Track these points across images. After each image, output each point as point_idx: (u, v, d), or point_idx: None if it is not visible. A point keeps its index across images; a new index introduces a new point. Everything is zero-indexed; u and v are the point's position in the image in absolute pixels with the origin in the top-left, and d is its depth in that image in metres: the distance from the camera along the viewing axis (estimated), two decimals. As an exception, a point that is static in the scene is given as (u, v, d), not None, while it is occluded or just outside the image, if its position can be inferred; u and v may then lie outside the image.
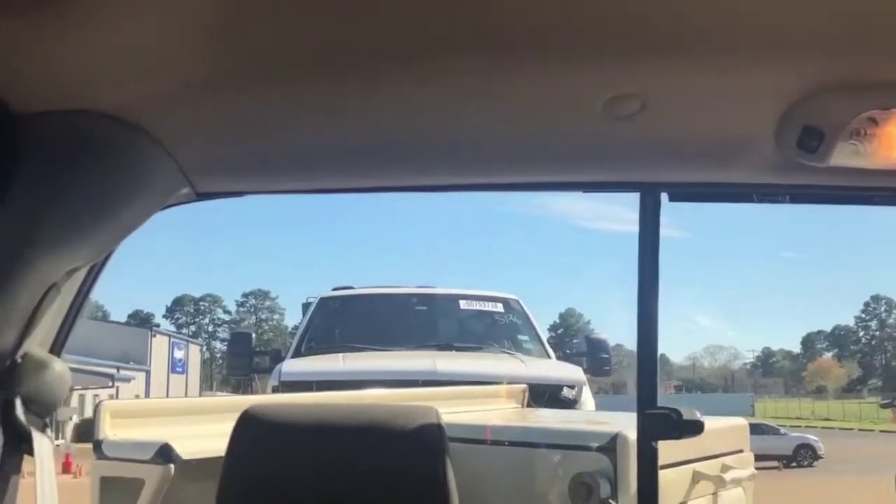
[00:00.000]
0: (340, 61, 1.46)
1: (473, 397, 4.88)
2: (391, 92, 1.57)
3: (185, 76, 1.47)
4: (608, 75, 1.51)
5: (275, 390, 6.52)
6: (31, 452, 1.65)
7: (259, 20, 1.35)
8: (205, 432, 2.93)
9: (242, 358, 8.22)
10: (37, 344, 1.75)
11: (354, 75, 1.51)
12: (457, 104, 1.63)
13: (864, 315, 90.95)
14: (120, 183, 1.63)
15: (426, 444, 1.85)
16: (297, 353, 7.55)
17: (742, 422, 4.35)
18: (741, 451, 4.04)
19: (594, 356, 8.08)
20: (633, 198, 2.15)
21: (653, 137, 1.73)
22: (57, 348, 2.02)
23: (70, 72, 1.36)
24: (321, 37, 1.39)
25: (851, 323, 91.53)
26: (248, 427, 1.88)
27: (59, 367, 1.85)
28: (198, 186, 1.90)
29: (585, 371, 7.43)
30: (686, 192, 2.08)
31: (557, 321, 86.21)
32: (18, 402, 1.64)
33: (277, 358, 7.89)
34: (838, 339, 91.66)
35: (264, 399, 4.87)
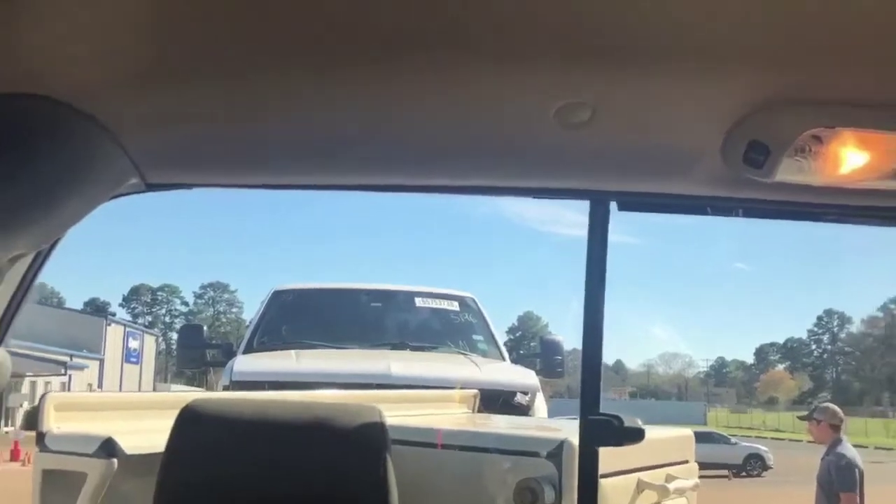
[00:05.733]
0: (295, 56, 1.46)
1: (425, 401, 4.89)
2: (345, 90, 1.57)
3: (137, 64, 1.45)
4: (560, 83, 1.52)
5: (226, 389, 6.40)
6: None
7: (214, 11, 1.34)
8: (149, 427, 2.90)
9: (193, 350, 8.12)
10: (-22, 332, 1.73)
11: (308, 71, 1.51)
12: (411, 106, 1.64)
13: (816, 328, 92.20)
14: (66, 170, 1.61)
15: (368, 442, 1.84)
16: (249, 348, 7.44)
17: (688, 432, 4.40)
18: (686, 461, 4.08)
19: (548, 358, 8.07)
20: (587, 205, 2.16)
21: (603, 146, 1.74)
22: None
23: (17, 55, 1.34)
24: (277, 31, 1.39)
25: (804, 336, 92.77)
26: (189, 421, 1.87)
27: (0, 355, 1.83)
28: (147, 177, 1.88)
29: (538, 372, 7.44)
30: (635, 202, 2.09)
31: (516, 324, 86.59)
32: None
33: (229, 351, 7.79)
34: (791, 351, 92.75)
35: (207, 394, 4.83)
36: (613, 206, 2.10)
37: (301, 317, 7.99)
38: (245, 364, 6.85)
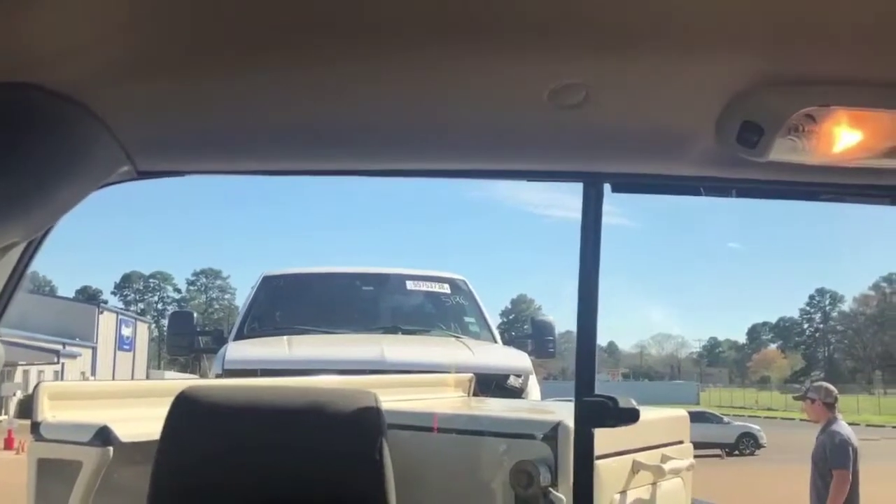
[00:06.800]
0: (285, 43, 1.45)
1: (421, 385, 4.90)
2: (335, 76, 1.57)
3: (127, 53, 1.45)
4: (554, 65, 1.52)
5: (218, 377, 6.31)
6: None
7: (204, 1, 1.33)
8: (145, 415, 2.90)
9: (183, 337, 8.06)
10: (-30, 320, 1.72)
11: (296, 59, 1.50)
12: (401, 91, 1.63)
13: (808, 307, 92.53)
14: (58, 159, 1.60)
15: (364, 427, 1.84)
16: (240, 335, 7.38)
17: (682, 413, 4.41)
18: (681, 441, 4.09)
19: (539, 338, 8.09)
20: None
21: (596, 127, 1.74)
22: (-8, 325, 1.99)
23: (7, 44, 1.34)
24: (265, 20, 1.38)
25: (796, 315, 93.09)
26: (184, 408, 1.86)
27: None
28: (139, 165, 1.88)
29: (530, 353, 7.45)
30: (629, 183, 2.09)
31: (509, 307, 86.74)
32: None
33: (220, 338, 7.73)
34: (783, 330, 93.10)
35: (201, 381, 4.82)
36: (607, 187, 2.10)
37: (292, 302, 7.94)
38: (237, 352, 6.77)
